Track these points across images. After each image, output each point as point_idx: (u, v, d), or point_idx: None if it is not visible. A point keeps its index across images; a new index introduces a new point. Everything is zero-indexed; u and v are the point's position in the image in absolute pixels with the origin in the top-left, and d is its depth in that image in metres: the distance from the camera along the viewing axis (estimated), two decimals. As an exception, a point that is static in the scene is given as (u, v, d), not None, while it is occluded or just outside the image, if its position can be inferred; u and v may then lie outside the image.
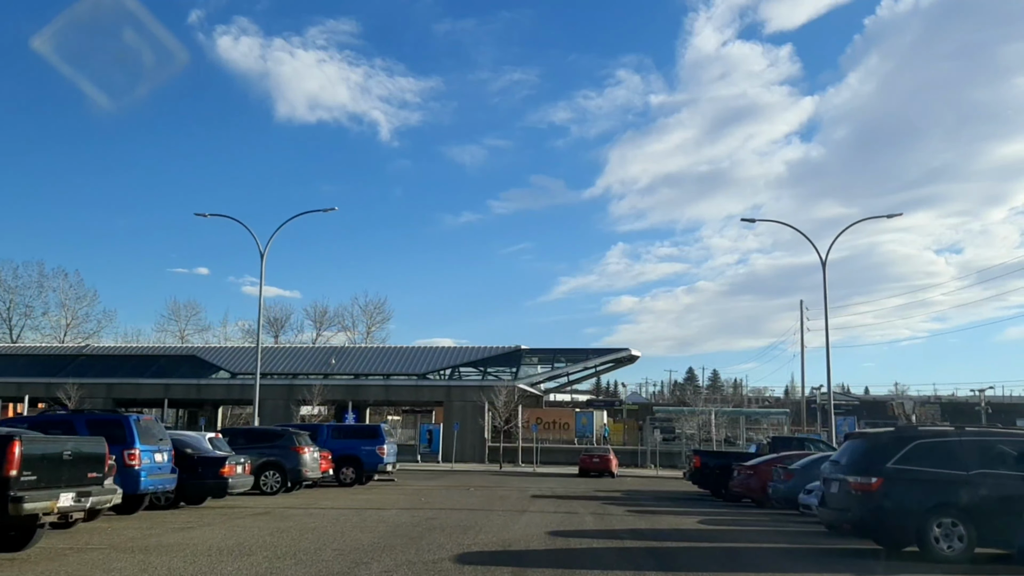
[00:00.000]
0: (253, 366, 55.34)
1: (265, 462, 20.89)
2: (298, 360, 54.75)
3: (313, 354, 56.14)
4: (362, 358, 54.68)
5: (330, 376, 52.35)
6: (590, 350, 56.07)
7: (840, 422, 54.20)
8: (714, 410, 44.00)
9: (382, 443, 25.68)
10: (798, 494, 17.66)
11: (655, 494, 26.11)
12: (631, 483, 33.64)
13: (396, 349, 57.43)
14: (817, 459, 19.02)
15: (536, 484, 30.18)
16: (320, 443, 25.52)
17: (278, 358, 55.35)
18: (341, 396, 51.55)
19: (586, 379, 61.31)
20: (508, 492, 24.66)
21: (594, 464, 38.12)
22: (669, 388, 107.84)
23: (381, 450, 25.61)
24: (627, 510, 18.55)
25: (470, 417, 47.76)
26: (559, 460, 48.86)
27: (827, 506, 11.97)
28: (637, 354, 55.19)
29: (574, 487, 28.95)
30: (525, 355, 54.33)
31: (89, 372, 54.21)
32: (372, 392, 52.12)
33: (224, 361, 55.08)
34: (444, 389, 50.98)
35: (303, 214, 32.88)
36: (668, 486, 31.99)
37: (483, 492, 24.39)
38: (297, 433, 21.78)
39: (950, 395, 72.88)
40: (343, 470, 25.50)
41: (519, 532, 13.14)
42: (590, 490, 27.48)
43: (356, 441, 25.86)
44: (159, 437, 14.42)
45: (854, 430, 54.76)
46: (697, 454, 23.87)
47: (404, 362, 53.41)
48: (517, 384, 49.46)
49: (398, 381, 51.91)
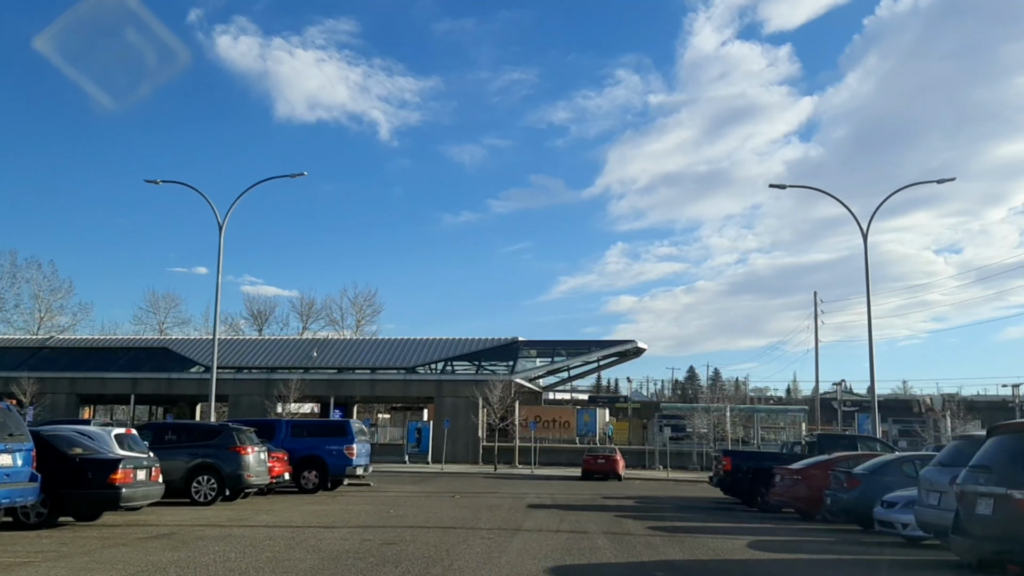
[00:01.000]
0: (230, 359, 51.48)
1: (198, 465, 16.89)
2: (277, 353, 50.70)
3: (294, 346, 52.09)
4: (346, 351, 50.64)
5: (311, 370, 48.33)
6: (592, 342, 52.02)
7: (864, 419, 50.33)
8: (729, 407, 40.06)
9: (351, 442, 21.68)
10: (870, 506, 13.68)
11: (674, 502, 22.13)
12: (642, 487, 29.64)
13: (383, 341, 53.40)
14: (889, 462, 15.06)
15: (534, 489, 26.23)
16: (277, 442, 21.56)
17: (255, 351, 51.32)
18: (323, 392, 47.58)
19: (588, 374, 57.31)
20: (500, 500, 20.67)
21: (599, 465, 34.15)
22: (671, 387, 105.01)
23: (350, 450, 21.60)
24: (649, 527, 14.54)
25: (463, 414, 43.77)
26: (559, 461, 44.89)
27: (970, 534, 8.02)
28: (643, 347, 51.23)
29: (578, 493, 24.99)
30: (523, 348, 50.31)
31: (52, 366, 50.22)
32: (357, 387, 48.10)
33: (198, 354, 51.01)
34: (435, 384, 46.98)
35: (267, 180, 28.93)
36: (685, 491, 28.00)
37: (470, 500, 20.40)
38: (238, 430, 17.73)
39: (954, 392, 69.69)
40: (305, 474, 21.51)
41: (506, 569, 9.15)
42: (597, 497, 23.49)
43: (320, 440, 21.85)
44: (9, 432, 10.41)
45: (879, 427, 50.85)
46: (727, 455, 19.84)
47: (392, 355, 49.39)
48: (514, 378, 45.46)
49: (385, 375, 47.90)
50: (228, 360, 49.96)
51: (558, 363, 50.11)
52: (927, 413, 51.07)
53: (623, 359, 54.33)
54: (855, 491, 14.61)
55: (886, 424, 49.86)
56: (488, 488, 26.44)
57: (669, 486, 31.25)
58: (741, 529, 14.85)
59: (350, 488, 23.65)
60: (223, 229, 27.68)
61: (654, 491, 27.50)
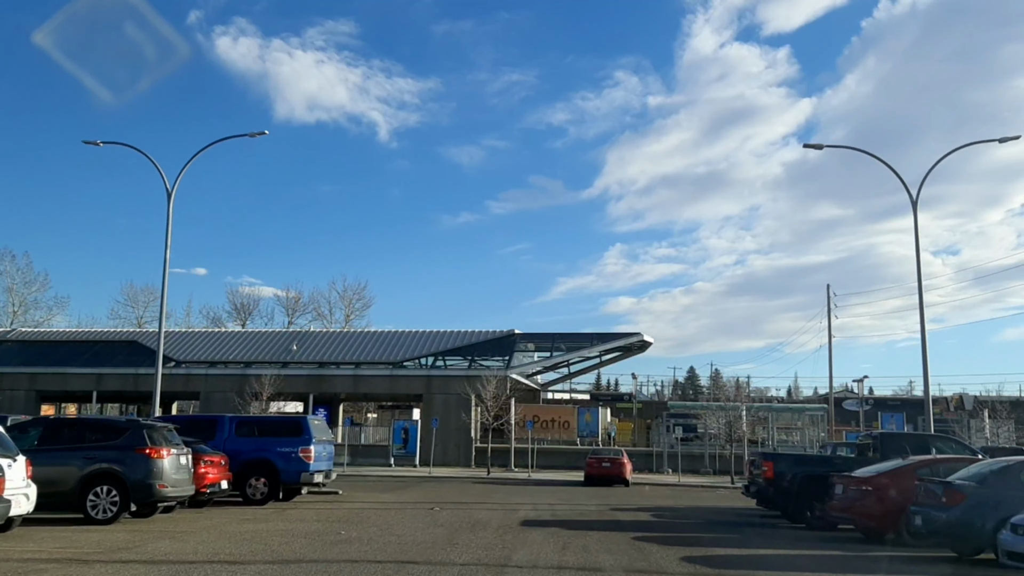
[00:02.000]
0: (204, 353, 47.76)
1: (95, 472, 13.09)
2: (254, 347, 46.89)
3: (272, 340, 48.25)
4: (329, 344, 46.84)
5: (291, 365, 44.56)
6: (595, 335, 48.24)
7: (887, 419, 46.67)
8: (745, 405, 36.37)
9: (308, 443, 17.88)
10: (982, 529, 10.01)
11: (700, 515, 18.39)
12: (655, 495, 25.88)
13: (368, 334, 49.61)
14: (1005, 469, 11.32)
15: (530, 497, 22.50)
16: (219, 442, 17.81)
17: (230, 344, 47.51)
18: (303, 388, 43.86)
19: (591, 369, 53.52)
20: (488, 514, 16.93)
21: (604, 470, 30.40)
22: (671, 387, 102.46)
23: (306, 453, 17.80)
24: (684, 558, 10.79)
25: (454, 413, 39.98)
26: (558, 464, 41.14)
27: None
28: (649, 340, 47.47)
29: (582, 502, 21.24)
30: (519, 341, 46.55)
31: (11, 360, 46.51)
32: (339, 383, 44.32)
33: (171, 347, 47.16)
34: (423, 379, 43.21)
35: (225, 139, 25.09)
36: (706, 499, 24.25)
37: (452, 514, 16.66)
38: (151, 427, 13.87)
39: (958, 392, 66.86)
40: (251, 481, 17.73)
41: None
42: (604, 508, 19.75)
43: (271, 440, 18.05)
44: None
45: (902, 429, 47.21)
46: (768, 459, 15.96)
47: (377, 349, 45.61)
48: (509, 374, 41.71)
49: (370, 370, 44.07)
50: (200, 354, 46.27)
51: (557, 357, 46.33)
52: (957, 412, 47.41)
53: (627, 354, 50.57)
54: (958, 508, 10.88)
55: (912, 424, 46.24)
56: (477, 496, 22.69)
57: (685, 493, 27.49)
58: (812, 561, 11.07)
59: (309, 498, 19.87)
60: (172, 197, 23.96)
61: (670, 500, 23.74)
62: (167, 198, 24.27)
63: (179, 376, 44.96)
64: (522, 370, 45.07)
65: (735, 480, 33.35)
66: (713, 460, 40.60)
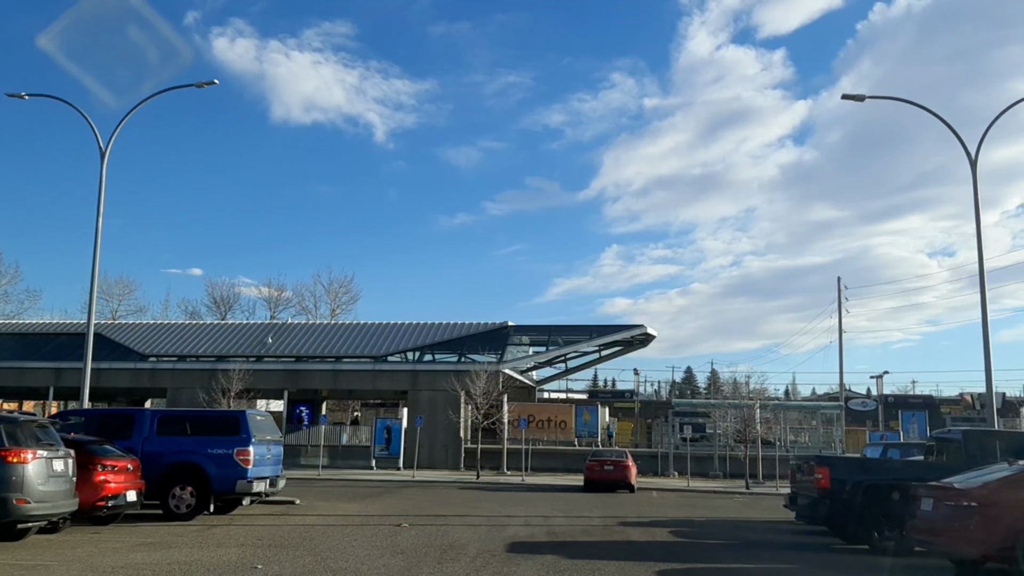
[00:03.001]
0: (172, 347, 44.31)
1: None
2: (227, 339, 43.38)
3: (246, 332, 44.71)
4: (307, 337, 43.34)
5: (265, 359, 41.12)
6: (594, 327, 44.86)
7: (908, 418, 43.36)
8: (759, 402, 33.03)
9: (245, 443, 14.43)
10: None
11: (727, 531, 15.05)
12: (666, 503, 22.49)
13: (350, 326, 46.09)
14: None
15: (523, 506, 19.13)
16: (135, 442, 14.41)
17: (200, 337, 44.00)
18: (278, 383, 40.39)
19: (589, 365, 50.06)
20: (469, 532, 13.56)
21: (606, 473, 27.03)
22: (667, 388, 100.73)
23: (243, 455, 14.35)
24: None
25: (442, 411, 36.50)
26: (555, 466, 37.77)
27: None
28: (653, 333, 44.10)
29: (583, 513, 17.88)
30: (513, 334, 43.11)
31: (-36, 354, 42.99)
32: (317, 378, 40.86)
33: (136, 340, 43.77)
34: (409, 375, 39.76)
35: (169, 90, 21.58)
36: (726, 509, 20.87)
37: (422, 532, 13.29)
38: (10, 421, 10.46)
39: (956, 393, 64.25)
40: (176, 491, 14.31)
41: None
42: (611, 521, 16.39)
43: (200, 439, 14.61)
44: None
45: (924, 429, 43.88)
46: (824, 464, 12.31)
47: (360, 342, 42.15)
48: (502, 368, 38.29)
49: (351, 365, 40.59)
50: (168, 347, 42.78)
51: (553, 351, 42.93)
52: (979, 411, 44.11)
53: (627, 349, 47.16)
54: None
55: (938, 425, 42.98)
56: (461, 506, 19.30)
57: (699, 501, 24.12)
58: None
59: (253, 511, 16.43)
60: (105, 157, 20.56)
61: (685, 509, 20.36)
62: (100, 159, 20.82)
63: (144, 371, 41.55)
64: (516, 365, 41.67)
65: (749, 485, 30.11)
66: (723, 462, 37.28)
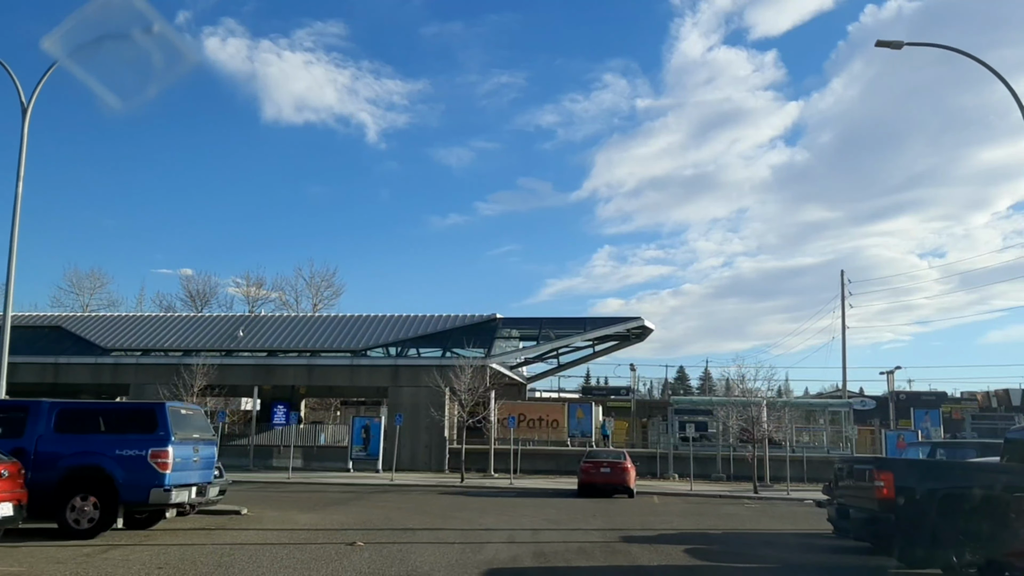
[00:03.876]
0: (138, 341, 41.48)
1: None
2: (196, 333, 40.53)
3: (216, 325, 41.85)
4: (281, 330, 40.52)
5: (235, 353, 38.31)
6: (587, 319, 42.26)
7: (920, 416, 40.84)
8: (766, 400, 30.42)
9: (163, 442, 11.64)
10: None
11: (756, 548, 12.43)
12: (671, 510, 19.83)
13: (327, 318, 43.30)
14: None
15: (508, 516, 16.48)
16: (28, 440, 11.68)
17: (167, 330, 41.12)
18: (248, 379, 37.59)
19: (583, 361, 47.26)
20: (436, 554, 10.88)
21: (603, 476, 24.38)
22: (660, 388, 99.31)
23: (160, 457, 11.56)
24: None
25: (424, 409, 33.67)
26: (546, 468, 35.16)
27: None
28: (651, 326, 41.50)
29: (579, 524, 15.22)
30: (502, 327, 40.45)
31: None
32: (290, 374, 38.05)
33: (99, 334, 40.92)
34: (389, 370, 37.00)
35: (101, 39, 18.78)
36: (742, 518, 18.26)
37: (377, 555, 10.59)
38: None
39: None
40: (75, 501, 11.56)
41: None
42: (612, 536, 13.74)
43: (107, 438, 11.86)
44: None
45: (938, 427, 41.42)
46: (885, 468, 9.58)
47: (337, 335, 39.38)
48: (489, 363, 35.58)
49: (327, 359, 37.84)
50: (132, 341, 39.94)
51: (544, 345, 40.24)
52: (1000, 408, 41.71)
53: (623, 344, 44.53)
54: None
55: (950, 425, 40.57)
56: (437, 515, 16.61)
57: (707, 508, 21.47)
58: None
59: (184, 523, 13.70)
60: (28, 114, 17.82)
61: (694, 518, 17.72)
62: (21, 117, 18.04)
63: (106, 366, 38.65)
64: (504, 360, 39.01)
65: (757, 488, 27.56)
66: (727, 464, 34.74)
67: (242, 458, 35.37)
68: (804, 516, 19.64)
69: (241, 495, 20.67)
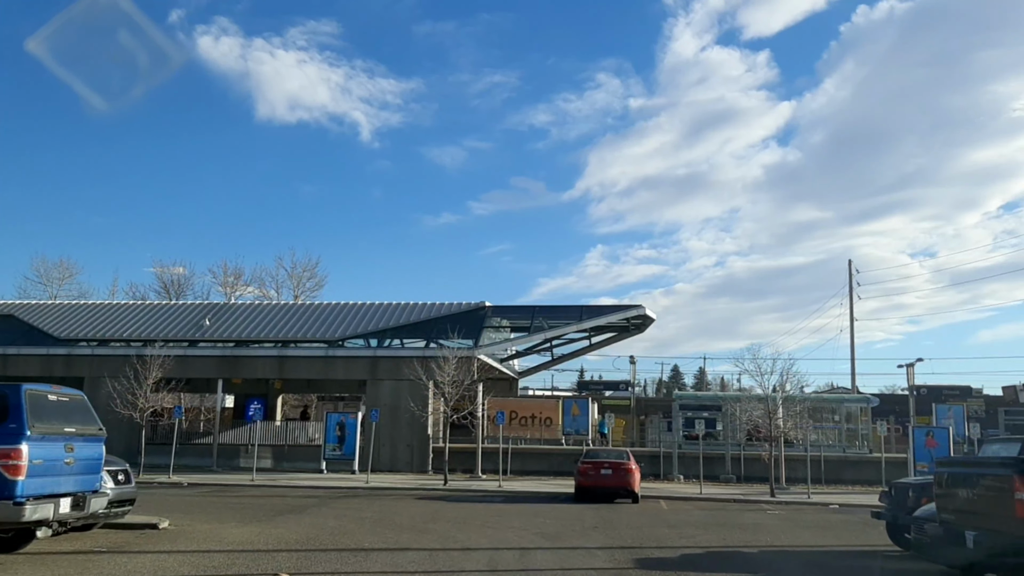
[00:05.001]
0: (94, 330, 38.26)
1: None
2: (158, 322, 37.25)
3: (180, 314, 38.57)
4: (250, 318, 37.27)
5: (199, 344, 35.10)
6: (584, 308, 39.19)
7: (943, 412, 37.90)
8: (782, 395, 27.42)
9: (14, 439, 8.48)
10: None
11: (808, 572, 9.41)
12: (687, 519, 16.74)
13: (300, 307, 40.07)
14: None
15: (492, 529, 13.41)
16: None
17: (126, 319, 37.84)
18: (212, 371, 34.36)
19: (579, 354, 44.09)
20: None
21: (603, 480, 21.31)
22: (655, 387, 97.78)
23: (8, 459, 8.44)
24: None
25: (406, 404, 30.49)
26: (539, 468, 32.12)
27: None
28: (652, 315, 38.44)
29: (578, 542, 12.15)
30: (491, 316, 37.33)
31: None
32: (259, 366, 34.79)
33: (53, 323, 37.64)
34: (368, 361, 33.81)
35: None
36: (773, 529, 15.17)
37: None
38: None
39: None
40: None
41: None
42: (624, 559, 10.68)
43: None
44: None
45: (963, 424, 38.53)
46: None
47: (311, 324, 36.19)
48: (477, 353, 32.46)
49: (299, 350, 34.65)
50: (89, 331, 36.68)
51: (537, 337, 37.13)
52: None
53: (621, 335, 41.41)
54: None
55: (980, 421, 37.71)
56: (405, 529, 13.51)
57: (725, 515, 18.41)
58: None
59: (71, 542, 10.57)
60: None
61: (718, 531, 14.63)
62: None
63: (58, 357, 35.37)
64: (493, 351, 35.87)
65: (774, 491, 24.64)
66: (736, 464, 31.75)
67: (206, 458, 32.27)
68: (842, 526, 16.64)
69: (182, 502, 17.60)
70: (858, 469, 32.13)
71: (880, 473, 29.88)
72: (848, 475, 31.47)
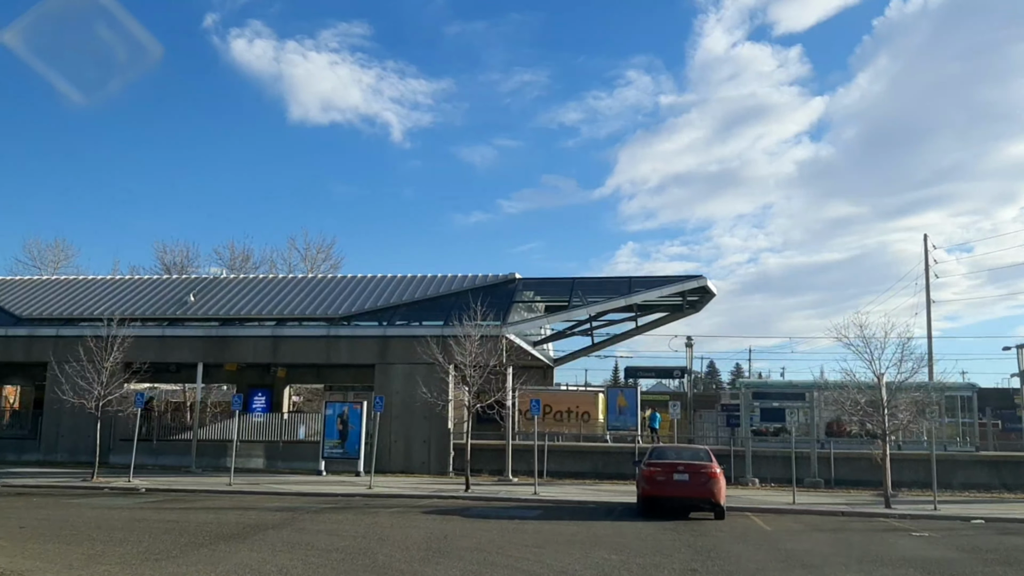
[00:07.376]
0: (61, 308, 33.28)
1: None
2: (134, 299, 32.11)
3: (162, 290, 33.33)
4: (239, 294, 31.97)
5: (183, 323, 29.95)
6: (633, 279, 33.24)
7: None
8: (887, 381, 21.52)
9: None
10: None
11: None
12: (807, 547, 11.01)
13: (298, 280, 34.59)
14: None
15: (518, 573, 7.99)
16: None
17: (99, 295, 32.73)
18: (195, 354, 29.01)
19: (624, 338, 38.05)
20: None
21: (677, 487, 15.60)
22: (688, 383, 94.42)
23: None
24: None
25: (421, 392, 24.83)
26: (580, 469, 26.60)
27: None
28: (714, 289, 32.48)
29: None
30: (522, 290, 31.66)
31: None
32: (250, 348, 29.36)
33: (16, 301, 32.72)
34: (376, 342, 28.29)
35: None
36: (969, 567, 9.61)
37: None
38: None
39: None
40: None
41: None
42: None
43: None
44: None
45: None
46: None
47: (311, 300, 30.84)
48: (505, 332, 26.76)
49: (296, 330, 29.21)
50: (54, 309, 31.72)
51: (577, 312, 31.35)
52: None
53: (673, 316, 35.35)
54: None
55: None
56: (384, 568, 8.07)
57: (858, 536, 12.61)
58: None
59: None
60: None
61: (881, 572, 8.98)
62: None
63: (18, 339, 30.36)
64: (522, 330, 30.19)
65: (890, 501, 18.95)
66: (824, 465, 25.95)
67: (187, 456, 27.14)
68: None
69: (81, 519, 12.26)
70: (969, 471, 26.25)
71: (996, 476, 25.12)
72: (958, 478, 25.56)
